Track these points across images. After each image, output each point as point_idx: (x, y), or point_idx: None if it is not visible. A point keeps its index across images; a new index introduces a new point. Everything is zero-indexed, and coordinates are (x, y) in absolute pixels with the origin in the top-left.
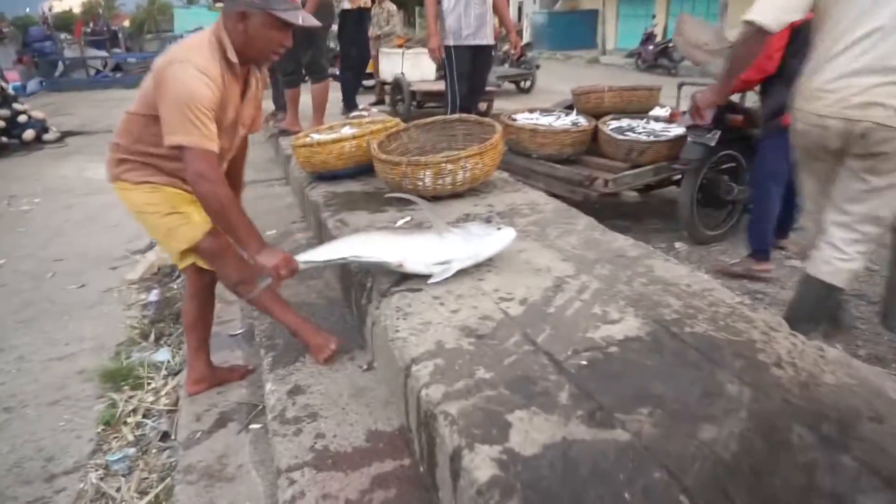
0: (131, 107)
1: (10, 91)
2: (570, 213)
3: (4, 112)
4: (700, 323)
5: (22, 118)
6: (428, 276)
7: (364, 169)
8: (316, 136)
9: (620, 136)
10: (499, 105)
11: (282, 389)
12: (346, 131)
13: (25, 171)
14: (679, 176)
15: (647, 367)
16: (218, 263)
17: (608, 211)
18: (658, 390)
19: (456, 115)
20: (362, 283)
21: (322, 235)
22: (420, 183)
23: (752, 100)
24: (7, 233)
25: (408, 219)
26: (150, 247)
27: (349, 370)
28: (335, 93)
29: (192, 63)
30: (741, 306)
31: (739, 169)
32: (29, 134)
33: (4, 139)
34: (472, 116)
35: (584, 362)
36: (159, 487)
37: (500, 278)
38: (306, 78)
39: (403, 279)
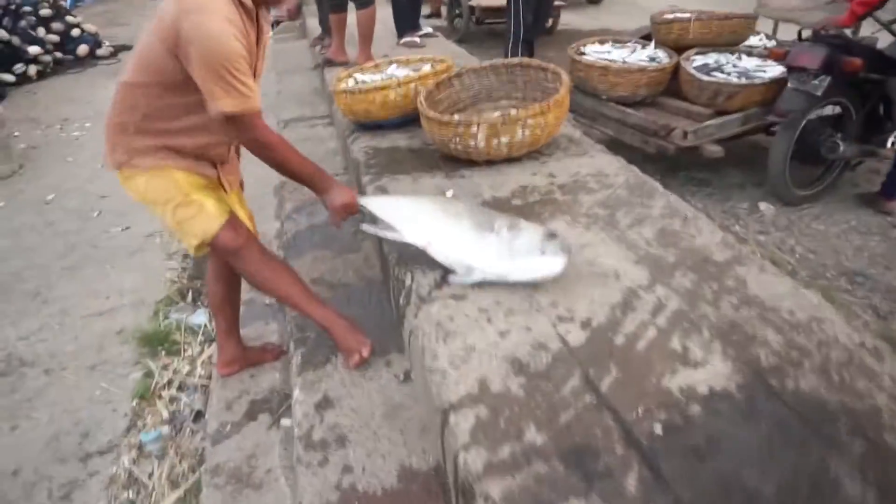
0: (128, 75)
1: (63, 2)
2: (645, 188)
3: (58, 26)
4: (807, 374)
5: (75, 32)
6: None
7: (411, 118)
8: (359, 78)
9: (705, 77)
10: (566, 19)
11: (310, 401)
12: (393, 71)
13: (79, 91)
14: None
15: (738, 442)
16: (237, 261)
17: (685, 159)
18: (752, 481)
19: (517, 60)
20: (401, 279)
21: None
22: (472, 144)
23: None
24: (57, 162)
25: (451, 192)
26: None
27: (384, 380)
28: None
29: (216, 13)
30: (861, 350)
31: (847, 121)
32: (83, 49)
33: (59, 55)
34: (535, 61)
35: (659, 430)
36: (189, 482)
37: (559, 287)
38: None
39: (445, 281)
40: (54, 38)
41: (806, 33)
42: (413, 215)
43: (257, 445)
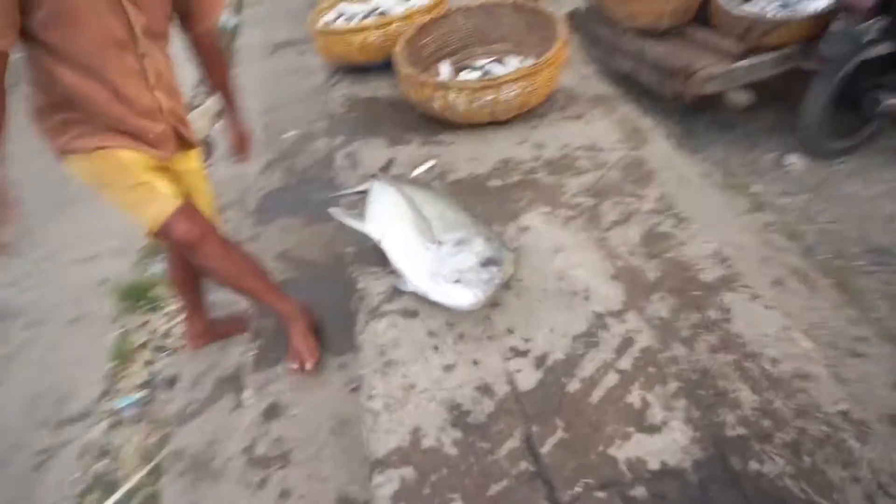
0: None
1: None
2: (641, 170)
3: None
4: (774, 454)
5: None
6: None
7: None
8: (344, 11)
9: (737, 11)
10: None
11: (258, 406)
12: (383, 2)
13: None
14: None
15: None
16: (193, 255)
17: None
18: None
19: (510, 1)
20: (354, 279)
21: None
22: (451, 107)
23: None
24: None
25: (431, 163)
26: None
27: (336, 386)
28: None
29: None
30: (844, 423)
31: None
32: None
33: None
34: (529, 4)
35: None
36: (154, 462)
37: (520, 307)
38: None
39: (398, 291)
40: None
41: None
42: (384, 204)
43: (218, 429)
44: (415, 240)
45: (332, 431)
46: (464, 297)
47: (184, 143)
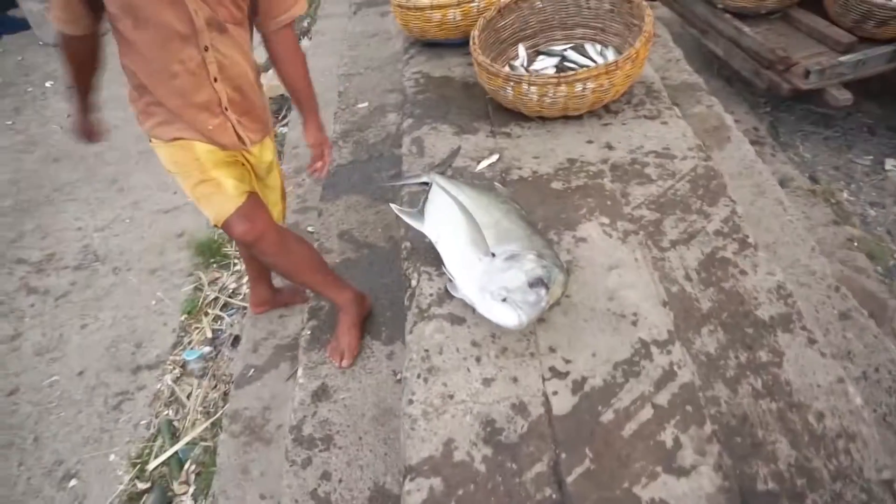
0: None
1: None
2: (712, 185)
3: None
4: None
5: None
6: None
7: None
8: None
9: None
10: None
11: (308, 387)
12: None
13: None
14: None
15: None
16: (252, 249)
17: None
18: None
19: None
20: (408, 277)
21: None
22: (523, 97)
23: None
24: None
25: (495, 158)
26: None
27: (383, 374)
28: None
29: None
30: (885, 495)
31: None
32: None
33: None
34: None
35: None
36: (214, 417)
37: (567, 325)
38: None
39: (448, 293)
40: None
41: None
42: (441, 206)
43: (274, 397)
44: (468, 249)
45: (374, 420)
46: (508, 317)
47: (251, 136)
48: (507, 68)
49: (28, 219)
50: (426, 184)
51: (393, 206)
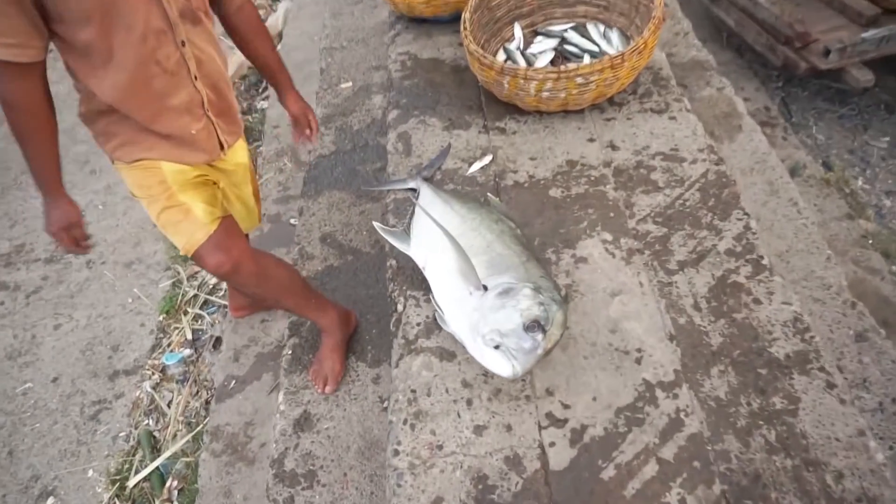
0: None
1: None
2: (725, 194)
3: None
4: None
5: None
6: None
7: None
8: None
9: None
10: None
11: (290, 415)
12: None
13: None
14: None
15: None
16: (230, 281)
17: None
18: None
19: None
20: (393, 300)
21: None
22: (520, 91)
23: None
24: None
25: (488, 159)
26: None
27: (368, 401)
28: None
29: None
30: None
31: None
32: None
33: None
34: None
35: None
36: (196, 430)
37: (565, 360)
38: None
39: (437, 325)
40: None
41: None
42: (429, 227)
43: (256, 411)
44: (458, 281)
45: (359, 453)
46: (501, 367)
47: (229, 140)
48: (501, 52)
49: None
50: (413, 189)
51: (376, 224)
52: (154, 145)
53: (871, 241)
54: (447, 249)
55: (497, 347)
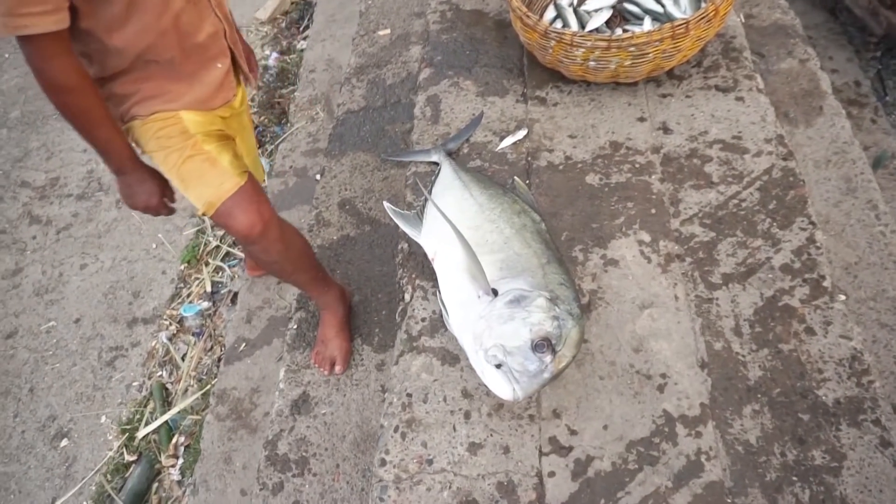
0: None
1: None
2: (789, 196)
3: None
4: None
5: None
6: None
7: None
8: None
9: None
10: None
11: (289, 395)
12: None
13: None
14: None
15: None
16: (253, 247)
17: None
18: None
19: None
20: (401, 287)
21: (413, 111)
22: (565, 61)
23: None
24: None
25: (523, 133)
26: None
27: (370, 387)
28: None
29: None
30: None
31: None
32: None
33: None
34: None
35: None
36: (201, 392)
37: (578, 379)
38: None
39: (442, 323)
40: None
41: None
42: (446, 209)
43: (263, 378)
44: (466, 282)
45: (354, 445)
46: (500, 389)
47: (245, 73)
48: (552, 8)
49: (34, 135)
50: (436, 163)
51: (387, 205)
52: (177, 95)
53: None
54: (460, 242)
55: (498, 367)
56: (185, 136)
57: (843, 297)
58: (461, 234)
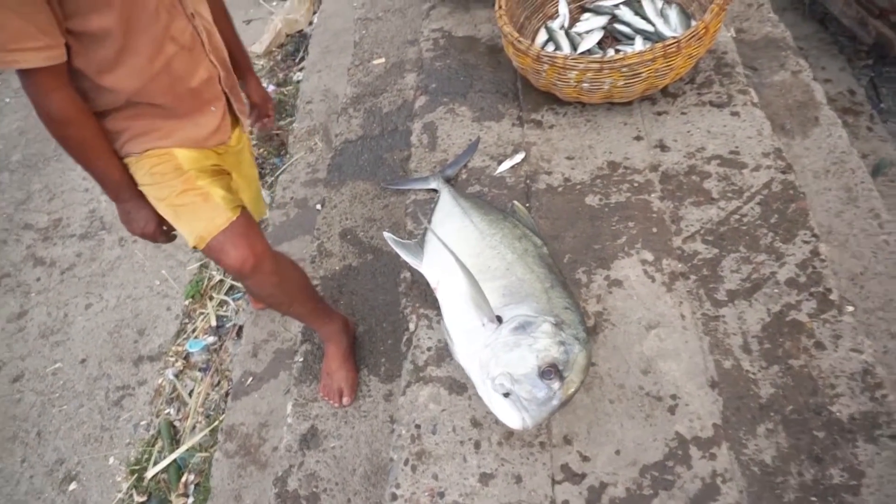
0: None
1: None
2: (790, 210)
3: None
4: None
5: None
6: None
7: None
8: None
9: None
10: None
11: (297, 429)
12: None
13: None
14: None
15: None
16: (246, 282)
17: None
18: None
19: None
20: (405, 316)
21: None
22: (559, 83)
23: None
24: None
25: (520, 157)
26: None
27: (379, 419)
28: None
29: None
30: None
31: None
32: None
33: None
34: None
35: None
36: (210, 428)
37: (588, 404)
38: None
39: (447, 352)
40: None
41: None
42: (446, 239)
43: (271, 412)
44: (470, 310)
45: (365, 478)
46: (509, 418)
47: (241, 116)
48: (543, 31)
49: (36, 177)
50: (435, 189)
51: (387, 235)
52: (170, 132)
53: None
54: (462, 271)
55: (507, 395)
56: (179, 171)
57: (850, 309)
58: (462, 264)
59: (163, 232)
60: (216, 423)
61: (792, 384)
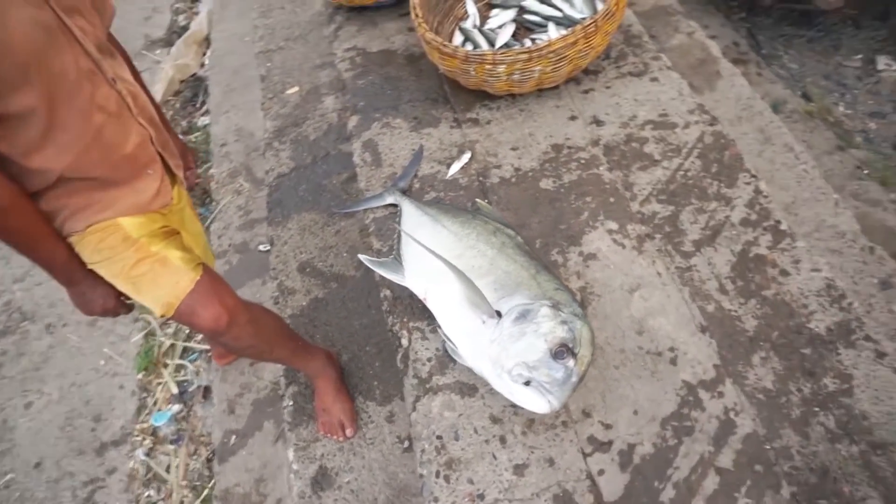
0: None
1: None
2: (726, 156)
3: None
4: None
5: None
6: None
7: None
8: None
9: None
10: None
11: (305, 474)
12: None
13: None
14: None
15: None
16: (223, 339)
17: None
18: None
19: None
20: (396, 335)
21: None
22: (490, 79)
23: None
24: None
25: (467, 157)
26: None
27: (387, 444)
28: None
29: None
30: None
31: None
32: None
33: None
34: None
35: None
36: (203, 494)
37: (595, 374)
38: None
39: (450, 358)
40: None
41: None
42: (421, 250)
43: (265, 465)
44: (467, 311)
45: (388, 503)
46: (536, 404)
47: (177, 173)
48: (458, 33)
49: None
50: (393, 204)
51: (363, 257)
52: (111, 202)
53: (866, 172)
54: (449, 277)
55: (528, 383)
56: (129, 241)
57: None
58: (454, 266)
59: (123, 304)
60: (206, 491)
61: (771, 312)
